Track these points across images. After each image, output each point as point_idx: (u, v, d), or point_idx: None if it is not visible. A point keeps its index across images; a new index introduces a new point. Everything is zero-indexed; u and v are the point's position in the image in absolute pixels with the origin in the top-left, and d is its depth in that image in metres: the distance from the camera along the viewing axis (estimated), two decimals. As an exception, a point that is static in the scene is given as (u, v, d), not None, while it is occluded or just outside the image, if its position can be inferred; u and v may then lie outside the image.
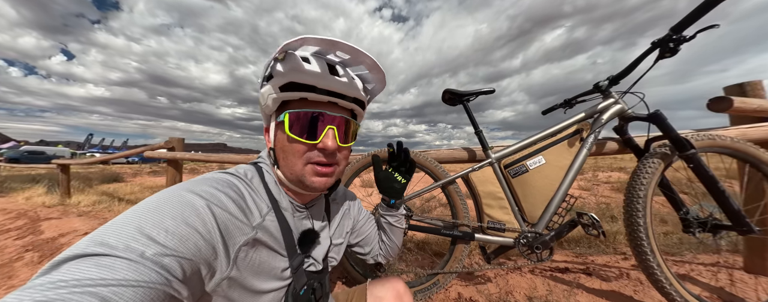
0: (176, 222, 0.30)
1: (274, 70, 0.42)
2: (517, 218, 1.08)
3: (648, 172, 0.95)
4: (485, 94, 1.18)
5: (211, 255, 0.33)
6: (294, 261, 0.45)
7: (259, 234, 0.40)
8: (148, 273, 0.26)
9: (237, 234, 0.37)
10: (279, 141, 0.46)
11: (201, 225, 0.32)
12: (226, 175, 0.43)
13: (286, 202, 0.47)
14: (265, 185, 0.46)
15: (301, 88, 0.42)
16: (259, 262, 0.40)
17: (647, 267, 0.92)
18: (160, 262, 0.27)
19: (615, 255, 1.61)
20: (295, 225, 0.48)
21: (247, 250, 0.38)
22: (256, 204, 0.42)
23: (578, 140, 1.07)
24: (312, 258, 0.51)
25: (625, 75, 1.02)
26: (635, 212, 0.94)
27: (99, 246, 0.26)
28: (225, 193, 0.38)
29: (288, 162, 0.45)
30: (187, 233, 0.30)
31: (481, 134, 1.15)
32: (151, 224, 0.29)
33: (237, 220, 0.37)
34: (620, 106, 1.05)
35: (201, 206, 0.33)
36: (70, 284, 0.23)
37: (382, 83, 0.52)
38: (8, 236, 2.49)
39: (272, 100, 0.43)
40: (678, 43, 0.86)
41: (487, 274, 1.41)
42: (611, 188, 3.97)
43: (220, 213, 0.35)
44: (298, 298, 0.45)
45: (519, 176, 1.09)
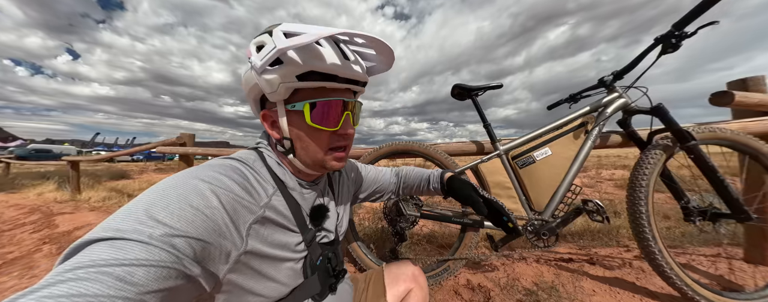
0: (182, 206, 0.31)
1: (284, 57, 0.39)
2: (525, 207, 1.13)
3: (650, 163, 1.00)
4: (493, 89, 1.23)
5: (221, 235, 0.34)
6: (307, 236, 0.47)
7: (268, 213, 0.41)
8: (158, 252, 0.27)
9: (245, 213, 0.38)
10: (296, 130, 0.44)
11: (206, 207, 0.33)
12: (228, 160, 0.44)
13: (293, 182, 0.48)
14: (268, 168, 0.47)
15: (322, 77, 0.41)
16: (272, 238, 0.42)
17: (649, 252, 0.97)
18: (170, 242, 0.28)
19: (617, 247, 1.66)
20: (304, 202, 0.49)
21: (257, 227, 0.39)
22: (262, 186, 0.43)
23: (583, 133, 1.12)
24: (324, 229, 0.52)
25: (628, 70, 1.07)
26: (638, 200, 0.99)
27: (110, 230, 0.28)
28: (228, 176, 0.39)
29: (309, 150, 0.45)
30: (192, 215, 0.31)
31: (489, 127, 1.20)
32: (157, 209, 0.30)
33: (244, 200, 0.38)
34: (624, 100, 1.09)
35: (205, 190, 0.34)
36: (86, 265, 0.24)
37: (387, 66, 0.50)
38: (24, 230, 2.56)
39: (286, 88, 0.41)
40: (680, 39, 0.90)
41: (494, 263, 1.46)
42: (615, 186, 4.00)
43: (224, 195, 0.36)
44: (316, 268, 0.48)
45: (526, 166, 1.14)
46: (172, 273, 0.28)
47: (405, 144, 1.31)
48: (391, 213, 1.20)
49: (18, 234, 2.44)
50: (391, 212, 1.20)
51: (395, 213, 1.19)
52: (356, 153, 1.50)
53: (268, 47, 0.39)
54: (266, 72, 0.40)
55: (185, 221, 0.31)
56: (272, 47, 0.38)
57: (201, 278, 0.32)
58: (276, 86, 0.40)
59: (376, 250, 1.62)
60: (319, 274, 0.49)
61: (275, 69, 0.40)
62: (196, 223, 0.31)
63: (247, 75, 0.45)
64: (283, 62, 0.40)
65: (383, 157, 1.38)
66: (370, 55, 0.50)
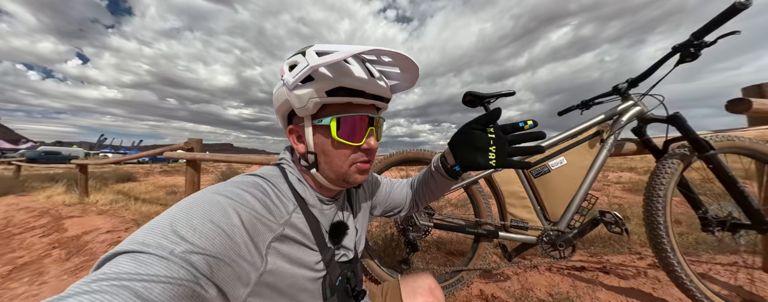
0: (203, 221, 0.32)
1: (316, 73, 0.41)
2: (540, 217, 1.12)
3: (668, 172, 0.99)
4: (505, 96, 1.22)
5: (239, 254, 0.34)
6: (326, 255, 0.47)
7: (287, 231, 0.41)
8: (177, 269, 0.28)
9: (265, 231, 0.38)
10: (321, 144, 0.45)
11: (226, 224, 0.33)
12: (251, 177, 0.45)
13: (314, 198, 0.48)
14: (290, 184, 0.47)
15: (349, 93, 0.43)
16: (292, 256, 0.41)
17: (668, 264, 0.95)
18: (188, 259, 0.29)
19: (630, 255, 1.63)
20: (324, 220, 0.49)
21: (277, 246, 0.39)
22: (282, 203, 0.43)
23: (598, 142, 1.11)
24: (343, 247, 0.52)
25: (644, 78, 1.06)
26: (656, 211, 0.98)
27: (136, 244, 0.28)
28: (250, 193, 0.39)
29: (333, 164, 0.46)
30: (213, 231, 0.32)
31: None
32: (181, 224, 0.31)
33: (264, 218, 0.38)
34: (639, 108, 1.08)
35: (227, 206, 0.35)
36: (110, 277, 0.25)
37: (410, 83, 0.51)
38: (34, 233, 2.59)
39: (315, 104, 0.42)
40: (699, 49, 0.89)
41: (506, 273, 1.45)
42: (622, 189, 3.96)
43: (245, 212, 0.36)
44: (335, 289, 0.47)
45: (541, 176, 1.13)
46: (188, 292, 0.28)
47: (416, 152, 1.30)
48: (403, 223, 1.20)
49: (28, 237, 2.46)
50: (404, 223, 1.20)
51: (407, 223, 1.19)
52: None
53: (301, 65, 0.41)
54: (297, 88, 0.42)
55: (205, 238, 0.31)
56: (305, 65, 0.39)
57: (217, 300, 0.31)
58: (306, 101, 0.42)
59: (386, 258, 1.61)
60: (338, 295, 0.48)
61: (306, 85, 0.42)
62: (215, 240, 0.32)
63: (279, 92, 0.46)
64: (314, 79, 0.42)
65: (393, 165, 1.38)
66: (393, 74, 0.51)
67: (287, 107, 0.46)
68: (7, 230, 2.69)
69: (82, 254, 2.02)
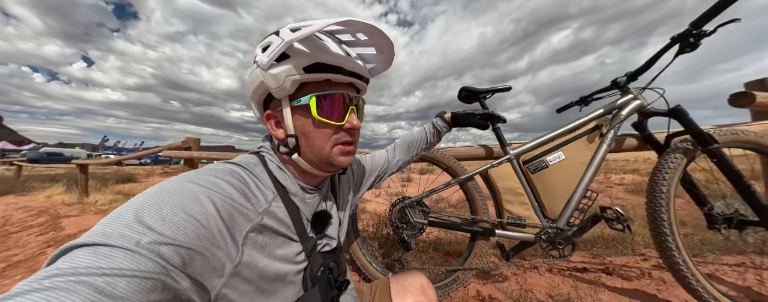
0: (174, 210, 0.30)
1: (291, 50, 0.40)
2: (538, 214, 1.08)
3: (670, 167, 0.95)
4: (501, 91, 1.20)
5: (215, 244, 0.32)
6: (307, 245, 0.45)
7: (266, 220, 0.39)
8: (144, 261, 0.25)
9: (242, 221, 0.36)
10: (301, 126, 0.44)
11: (200, 213, 0.31)
12: (228, 164, 0.42)
13: (296, 187, 0.46)
14: (269, 172, 0.45)
15: (328, 69, 0.41)
16: (270, 248, 0.40)
17: (673, 263, 0.91)
18: (157, 250, 0.26)
19: (634, 256, 1.58)
20: (306, 208, 0.47)
21: (254, 236, 0.37)
22: (261, 191, 0.41)
23: (598, 136, 1.08)
24: (326, 237, 0.50)
25: (643, 71, 1.03)
26: (659, 208, 0.94)
27: (97, 235, 0.26)
28: (227, 181, 0.37)
29: (314, 146, 0.44)
30: (184, 221, 0.29)
31: (498, 131, 1.17)
32: (148, 213, 0.28)
33: (241, 206, 0.36)
34: (639, 101, 1.05)
35: (200, 194, 0.33)
36: (66, 272, 0.23)
37: (386, 64, 0.51)
38: (31, 232, 2.58)
39: (292, 81, 0.40)
40: (698, 38, 0.87)
41: (504, 273, 1.40)
42: (625, 190, 3.89)
43: (221, 201, 0.34)
44: (317, 279, 0.46)
45: (538, 171, 1.09)
46: (158, 285, 0.26)
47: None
48: (396, 221, 1.17)
49: (24, 236, 2.46)
50: (397, 220, 1.17)
51: (401, 221, 1.16)
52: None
53: (275, 43, 0.39)
54: (272, 67, 0.41)
55: (176, 228, 0.29)
56: (280, 42, 0.38)
57: (191, 292, 0.29)
58: (282, 79, 0.41)
59: (381, 259, 1.58)
60: (320, 286, 0.46)
61: (282, 63, 0.41)
62: (187, 230, 0.29)
63: (253, 75, 0.44)
64: (289, 56, 0.40)
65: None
66: (370, 56, 0.50)
67: (263, 90, 0.44)
68: (4, 228, 2.68)
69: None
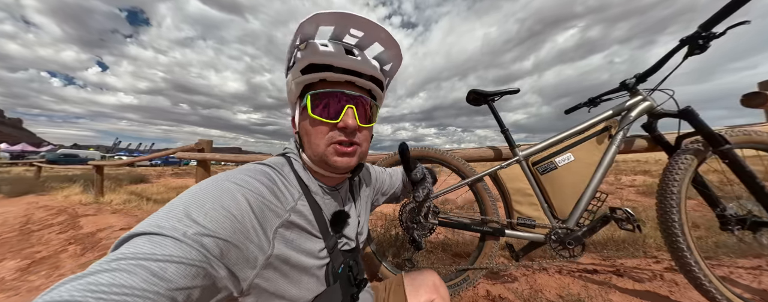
0: (214, 206, 0.33)
1: (295, 58, 0.46)
2: (547, 215, 1.09)
3: (681, 168, 0.95)
4: (510, 93, 1.22)
5: (248, 237, 0.35)
6: (329, 242, 0.48)
7: (293, 217, 0.42)
8: (190, 250, 0.29)
9: (272, 217, 0.39)
10: (303, 124, 0.48)
11: (235, 209, 0.34)
12: (259, 165, 0.46)
13: (316, 186, 0.49)
14: (295, 173, 0.48)
15: (319, 68, 0.44)
16: (297, 243, 0.43)
17: (684, 264, 0.91)
18: (200, 241, 0.30)
19: (645, 258, 1.57)
20: (325, 207, 0.50)
21: (283, 232, 0.40)
22: (288, 190, 0.44)
23: (607, 138, 1.09)
24: (345, 237, 0.53)
25: (652, 72, 1.04)
26: (669, 208, 0.94)
27: (152, 226, 0.30)
28: (258, 180, 0.41)
29: (311, 143, 0.47)
30: (222, 215, 0.33)
31: (507, 133, 1.19)
32: (194, 208, 0.32)
33: (271, 204, 0.40)
34: (649, 103, 1.06)
35: (236, 192, 0.36)
36: (128, 257, 0.26)
37: (399, 59, 0.52)
38: (52, 230, 2.69)
39: (296, 84, 0.46)
40: (707, 40, 0.87)
41: (514, 274, 1.41)
42: (636, 192, 3.82)
43: (254, 198, 0.37)
44: (338, 276, 0.48)
45: (548, 173, 1.11)
46: (200, 272, 0.29)
47: (420, 150, 1.31)
48: (407, 221, 1.19)
49: (46, 234, 2.56)
50: (407, 220, 1.19)
51: (411, 221, 1.18)
52: (370, 160, 1.51)
53: (288, 53, 0.47)
54: (288, 75, 0.48)
55: (216, 222, 0.32)
56: (293, 53, 0.46)
57: (227, 280, 0.33)
58: (290, 84, 0.47)
59: (391, 258, 1.60)
60: (341, 283, 0.49)
61: (292, 69, 0.47)
62: (225, 224, 0.33)
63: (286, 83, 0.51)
64: (296, 62, 0.46)
65: (397, 164, 1.38)
66: (382, 54, 0.51)
67: (290, 97, 0.50)
68: (27, 227, 2.80)
69: (96, 249, 2.08)
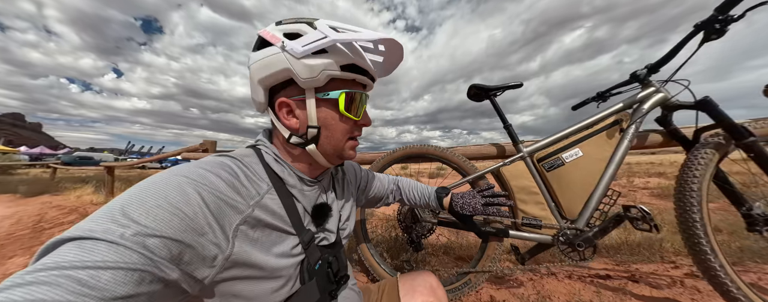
0: (159, 202, 0.30)
1: (332, 48, 0.41)
2: (555, 214, 1.03)
3: (701, 163, 0.88)
4: (513, 88, 1.17)
5: (203, 235, 0.32)
6: (304, 237, 0.45)
7: (257, 212, 0.39)
8: (129, 254, 0.26)
9: (231, 214, 0.36)
10: (325, 118, 0.45)
11: (186, 205, 0.31)
12: (219, 157, 0.42)
13: (293, 178, 0.47)
14: (265, 165, 0.46)
15: (357, 70, 0.45)
16: (264, 240, 0.40)
17: (708, 268, 0.84)
18: (142, 242, 0.27)
19: (662, 263, 1.47)
20: (305, 200, 0.48)
21: (246, 230, 0.37)
22: (253, 183, 0.41)
23: (618, 132, 1.02)
24: (326, 230, 0.51)
25: (665, 62, 0.98)
26: (689, 207, 0.87)
27: (81, 229, 0.26)
28: (215, 173, 0.37)
29: (334, 138, 0.47)
30: (169, 213, 0.30)
31: (510, 128, 1.14)
32: (133, 207, 0.29)
33: (229, 199, 0.36)
34: (662, 94, 0.99)
35: (187, 187, 0.33)
36: (50, 267, 0.23)
37: (386, 73, 0.55)
38: (62, 228, 2.76)
39: (326, 75, 0.42)
40: (725, 24, 0.81)
41: (519, 279, 1.34)
42: (651, 195, 3.65)
43: (208, 193, 0.34)
44: (314, 273, 0.45)
45: (554, 169, 1.05)
46: (145, 277, 0.26)
47: (420, 148, 1.27)
48: (406, 220, 1.15)
49: (56, 232, 2.63)
50: (406, 219, 1.15)
51: (410, 220, 1.14)
52: (370, 158, 1.48)
53: (314, 36, 0.41)
54: (308, 57, 0.41)
55: (161, 221, 0.29)
56: (322, 37, 0.40)
57: (183, 282, 0.30)
58: (318, 72, 0.42)
59: (390, 260, 1.55)
60: (317, 280, 0.46)
61: (319, 56, 0.42)
62: (173, 222, 0.29)
63: (270, 59, 0.42)
64: (327, 52, 0.42)
65: (397, 162, 1.34)
66: (376, 63, 0.52)
67: (283, 76, 0.43)
68: (39, 225, 2.89)
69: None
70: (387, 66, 0.53)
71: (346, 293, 0.55)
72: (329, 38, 0.40)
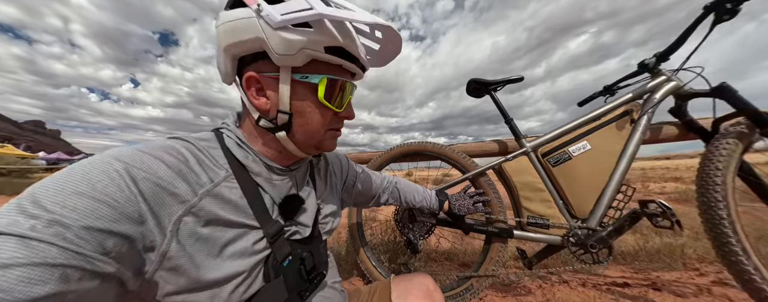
0: (80, 188, 0.26)
1: (318, 24, 0.35)
2: (563, 213, 0.95)
3: (723, 155, 0.80)
4: (513, 82, 1.13)
5: (135, 227, 0.28)
6: (269, 229, 0.40)
7: (207, 202, 0.34)
8: (44, 247, 0.22)
9: (171, 203, 0.31)
10: (300, 104, 0.40)
11: (116, 190, 0.27)
12: (167, 140, 0.37)
13: (259, 166, 0.42)
14: (226, 149, 0.40)
15: (345, 55, 0.39)
16: (214, 234, 0.34)
17: (740, 271, 0.74)
18: (61, 234, 0.23)
19: (686, 271, 1.34)
20: (274, 191, 0.43)
21: (191, 223, 0.32)
22: (206, 170, 0.36)
23: (628, 123, 0.96)
24: (297, 224, 0.45)
25: (674, 49, 0.92)
26: (715, 203, 0.78)
27: None
28: (157, 157, 0.33)
29: (310, 127, 0.41)
30: (94, 199, 0.26)
31: (512, 123, 1.08)
32: (50, 193, 0.25)
33: (171, 186, 0.32)
34: (675, 83, 0.93)
35: (117, 171, 0.29)
36: None
37: (381, 63, 0.50)
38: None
39: (306, 55, 0.36)
40: (737, 3, 0.76)
41: (527, 286, 1.24)
42: (669, 199, 3.44)
43: (143, 178, 0.30)
44: (282, 270, 0.40)
45: (560, 164, 0.98)
46: (72, 273, 0.23)
47: (418, 144, 1.22)
48: (403, 220, 1.09)
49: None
50: (403, 219, 1.08)
51: (408, 220, 1.07)
52: (367, 157, 1.44)
53: (298, 5, 0.34)
54: (287, 30, 0.35)
55: (83, 209, 0.25)
56: (308, 8, 0.34)
57: (122, 276, 0.27)
58: (296, 49, 0.35)
59: (388, 264, 1.47)
60: (286, 277, 0.40)
61: (301, 31, 0.35)
62: (100, 210, 0.26)
63: (241, 23, 0.35)
64: (312, 28, 0.35)
65: (394, 160, 1.30)
66: (371, 49, 0.47)
67: (255, 46, 0.36)
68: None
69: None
70: (383, 55, 0.47)
71: (325, 292, 0.50)
72: (315, 11, 0.33)
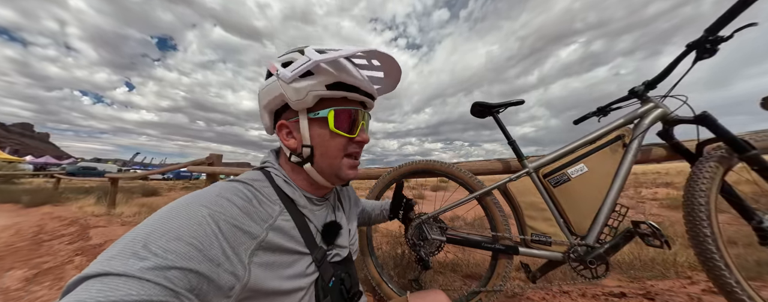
0: (179, 234, 0.31)
1: (317, 69, 0.44)
2: (564, 231, 1.02)
3: (706, 177, 0.89)
4: (514, 105, 1.21)
5: (219, 265, 0.32)
6: (317, 255, 0.46)
7: (272, 236, 0.40)
8: (150, 287, 0.26)
9: (246, 240, 0.36)
10: (318, 137, 0.47)
11: (203, 236, 0.32)
12: (232, 183, 0.43)
13: (303, 199, 0.48)
14: (275, 187, 0.47)
15: (346, 88, 0.46)
16: (279, 263, 0.40)
17: (724, 284, 0.81)
18: (163, 275, 0.27)
19: (678, 279, 1.42)
20: (316, 220, 0.49)
21: (261, 254, 0.38)
22: (265, 207, 0.42)
23: (621, 147, 1.04)
24: (337, 247, 0.52)
25: (661, 79, 1.01)
26: (699, 221, 0.86)
27: (104, 265, 0.27)
28: (229, 200, 0.38)
29: (328, 156, 0.47)
30: (188, 244, 0.30)
31: (515, 144, 1.16)
32: (153, 239, 0.30)
33: (244, 225, 0.37)
34: (661, 109, 1.02)
35: (204, 217, 0.34)
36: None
37: (392, 87, 0.57)
38: (62, 240, 2.73)
39: (313, 96, 0.44)
40: (715, 44, 0.85)
41: (531, 297, 1.30)
42: (660, 206, 3.58)
43: (224, 221, 0.35)
44: (328, 290, 0.46)
45: (560, 185, 1.05)
46: None
47: (426, 163, 1.28)
48: (413, 238, 1.14)
49: (55, 244, 2.59)
50: (414, 237, 1.14)
51: (418, 238, 1.13)
52: (376, 173, 1.48)
53: (301, 61, 0.43)
54: (296, 81, 0.44)
55: (180, 252, 0.30)
56: (306, 60, 0.42)
57: None
58: (304, 93, 0.44)
59: (397, 278, 1.51)
60: (332, 297, 0.46)
61: (306, 79, 0.44)
62: (191, 253, 0.30)
63: (270, 87, 0.47)
64: (313, 74, 0.44)
65: (404, 176, 1.35)
66: (377, 79, 0.55)
67: (280, 101, 0.47)
68: (38, 237, 2.86)
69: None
70: (389, 81, 0.54)
71: None
72: (312, 61, 0.41)
